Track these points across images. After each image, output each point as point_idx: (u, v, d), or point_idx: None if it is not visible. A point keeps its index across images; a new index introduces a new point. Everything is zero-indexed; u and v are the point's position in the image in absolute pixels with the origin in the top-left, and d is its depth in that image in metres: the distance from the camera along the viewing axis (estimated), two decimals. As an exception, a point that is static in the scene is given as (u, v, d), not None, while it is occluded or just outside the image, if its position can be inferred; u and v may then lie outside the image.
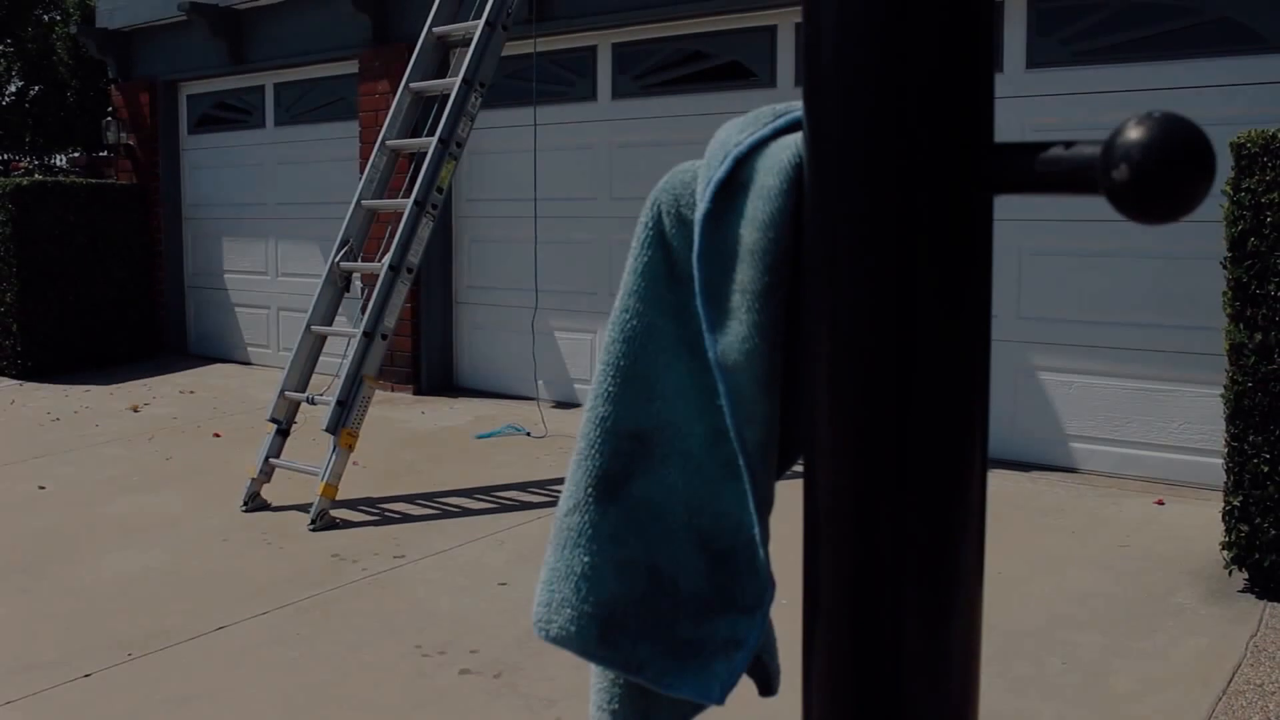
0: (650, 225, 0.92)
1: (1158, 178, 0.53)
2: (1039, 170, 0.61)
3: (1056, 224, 6.30)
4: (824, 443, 0.70)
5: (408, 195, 6.34)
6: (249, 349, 10.84)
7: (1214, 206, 5.32)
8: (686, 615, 0.92)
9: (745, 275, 0.81)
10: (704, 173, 0.85)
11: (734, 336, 0.82)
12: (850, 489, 0.69)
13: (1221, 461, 4.83)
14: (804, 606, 0.72)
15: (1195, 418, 5.92)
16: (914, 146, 0.63)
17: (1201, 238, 5.61)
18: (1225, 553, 4.67)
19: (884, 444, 0.67)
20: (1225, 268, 4.85)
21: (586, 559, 0.93)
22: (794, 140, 0.80)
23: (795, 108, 0.82)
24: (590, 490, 0.95)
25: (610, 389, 0.93)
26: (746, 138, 0.83)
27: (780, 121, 0.83)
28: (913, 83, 0.62)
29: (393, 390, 8.87)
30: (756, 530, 0.88)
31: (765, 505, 0.88)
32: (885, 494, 0.68)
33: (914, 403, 0.66)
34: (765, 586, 0.91)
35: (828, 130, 0.66)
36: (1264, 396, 4.70)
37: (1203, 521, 5.34)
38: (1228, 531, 4.67)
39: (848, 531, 0.70)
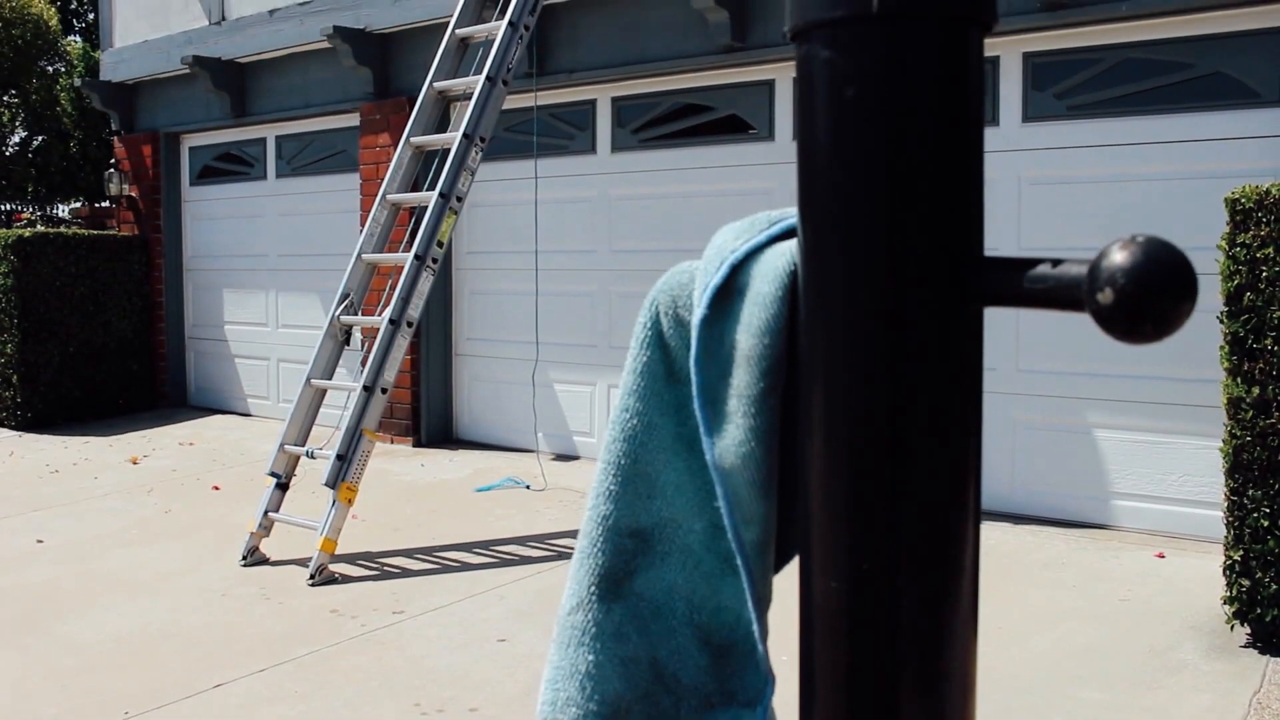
0: (649, 325, 0.94)
1: (1142, 304, 0.55)
2: (1027, 287, 0.62)
3: (1054, 277, 6.32)
4: (818, 543, 0.71)
5: (408, 249, 6.37)
6: (249, 400, 10.85)
7: (1210, 259, 5.36)
8: (689, 710, 0.93)
9: (742, 380, 0.82)
10: (701, 278, 0.87)
11: (731, 440, 0.83)
12: (843, 591, 0.70)
13: (1222, 514, 4.83)
14: (800, 697, 0.73)
15: (1195, 470, 5.92)
16: (905, 260, 0.64)
17: (1202, 290, 5.62)
18: (1227, 607, 4.66)
19: (875, 548, 0.68)
20: (1222, 322, 4.87)
21: (591, 657, 0.94)
22: (788, 248, 0.81)
23: (790, 214, 0.84)
24: (593, 588, 0.96)
25: (611, 488, 0.95)
26: (742, 244, 0.85)
27: (775, 229, 0.85)
28: (904, 200, 0.64)
29: (392, 442, 8.87)
30: (755, 626, 0.89)
31: (764, 602, 0.89)
32: (877, 596, 0.69)
33: (904, 509, 0.67)
34: (765, 680, 0.91)
35: (821, 242, 0.67)
36: (1262, 451, 4.70)
37: (1204, 575, 5.33)
38: (1229, 586, 4.66)
39: (841, 631, 0.71)
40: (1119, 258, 0.55)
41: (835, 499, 0.69)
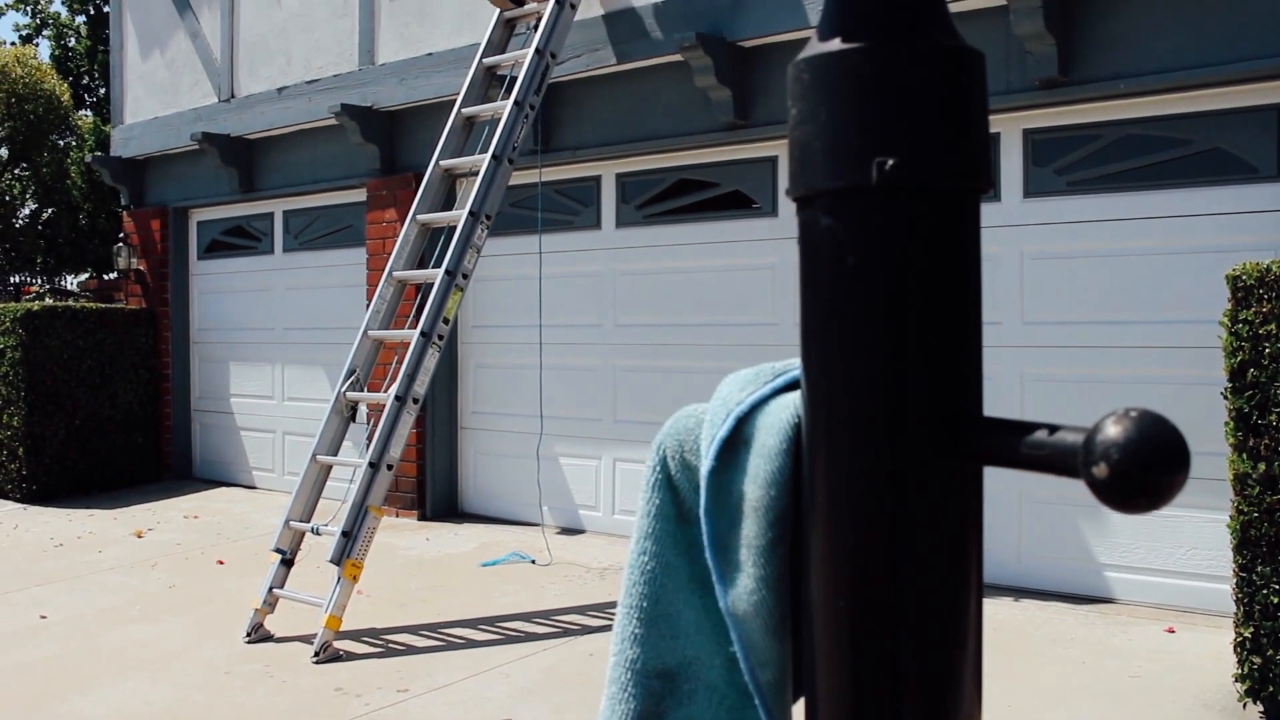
0: (658, 469, 0.96)
1: (1135, 478, 0.56)
2: (1024, 451, 0.64)
3: (1058, 350, 6.36)
4: (823, 685, 0.73)
5: (414, 326, 6.41)
6: (254, 473, 10.85)
7: (1212, 333, 5.38)
8: None
9: (750, 530, 0.84)
10: (707, 428, 0.89)
11: (742, 589, 0.85)
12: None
13: (1231, 589, 4.81)
14: None
15: (1203, 543, 5.90)
16: (905, 420, 0.66)
17: (1202, 364, 5.66)
18: (1238, 685, 4.62)
19: (878, 690, 0.70)
20: (1226, 398, 4.88)
21: None
22: (792, 401, 0.83)
23: (794, 366, 0.86)
24: None
25: (636, 631, 0.97)
26: (747, 396, 0.87)
27: (779, 381, 0.87)
28: (904, 362, 0.66)
29: (397, 515, 8.86)
30: None
31: None
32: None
33: (905, 657, 0.69)
34: None
35: (823, 400, 0.69)
36: (1270, 527, 4.69)
37: (1215, 651, 5.29)
38: (1240, 663, 4.63)
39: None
40: (1113, 432, 0.57)
41: (838, 648, 0.71)
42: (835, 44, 0.66)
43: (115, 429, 10.96)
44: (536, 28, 7.08)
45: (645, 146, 7.76)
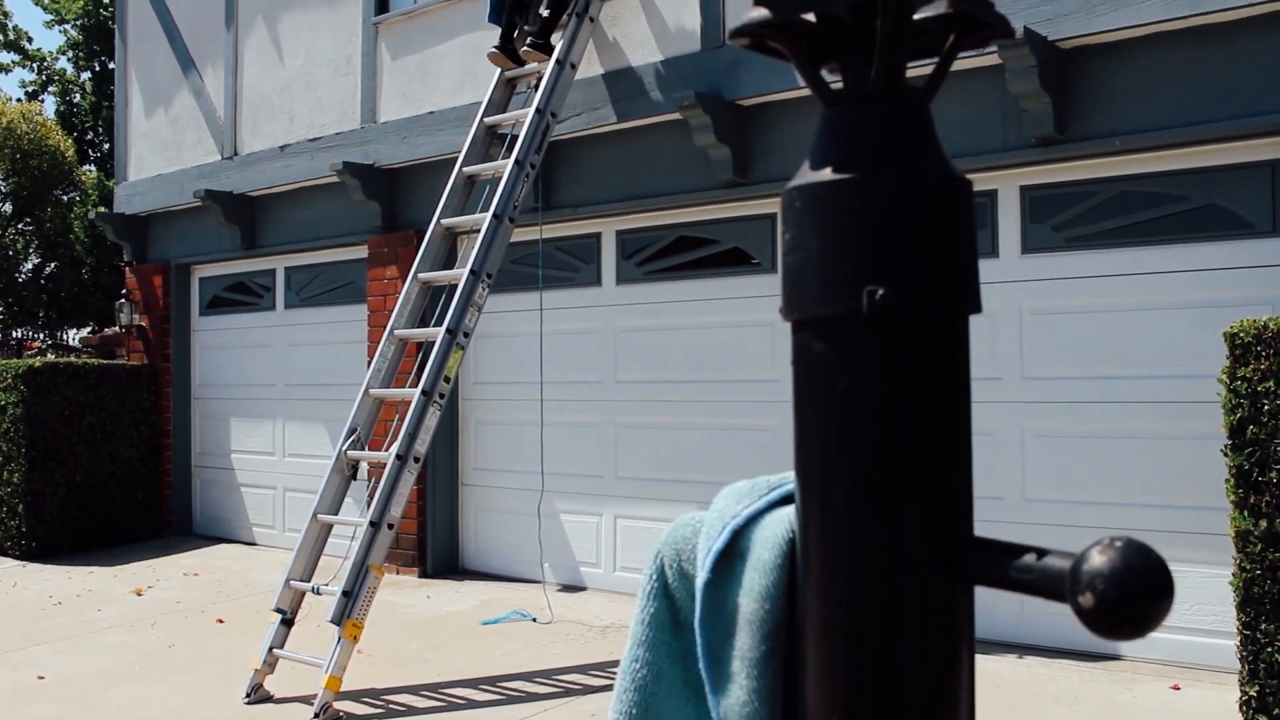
0: (655, 577, 0.97)
1: (1121, 609, 0.58)
2: (1013, 575, 0.65)
3: (1058, 405, 6.37)
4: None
5: (415, 384, 6.43)
6: (254, 529, 10.82)
7: (1210, 387, 5.39)
8: None
9: (744, 642, 0.85)
10: (704, 540, 0.90)
11: (734, 700, 0.86)
12: None
13: (1236, 646, 4.79)
14: None
15: (1207, 599, 5.88)
16: (897, 541, 0.68)
17: (1204, 418, 5.66)
18: (1244, 746, 4.59)
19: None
20: (1226, 455, 4.89)
21: None
22: (787, 515, 0.84)
23: (788, 479, 0.87)
24: None
25: None
26: (743, 510, 0.88)
27: (774, 495, 0.88)
28: (896, 484, 0.67)
29: (398, 572, 8.83)
30: None
31: None
32: None
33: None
34: None
35: (817, 518, 0.71)
36: (1273, 585, 4.68)
37: (1221, 709, 5.26)
38: (1245, 723, 4.60)
39: None
40: (1098, 562, 0.59)
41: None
42: (826, 174, 0.68)
43: (116, 485, 10.95)
44: (537, 87, 7.16)
45: (645, 204, 7.82)
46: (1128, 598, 0.58)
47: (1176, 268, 6.08)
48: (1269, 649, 4.67)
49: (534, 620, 7.46)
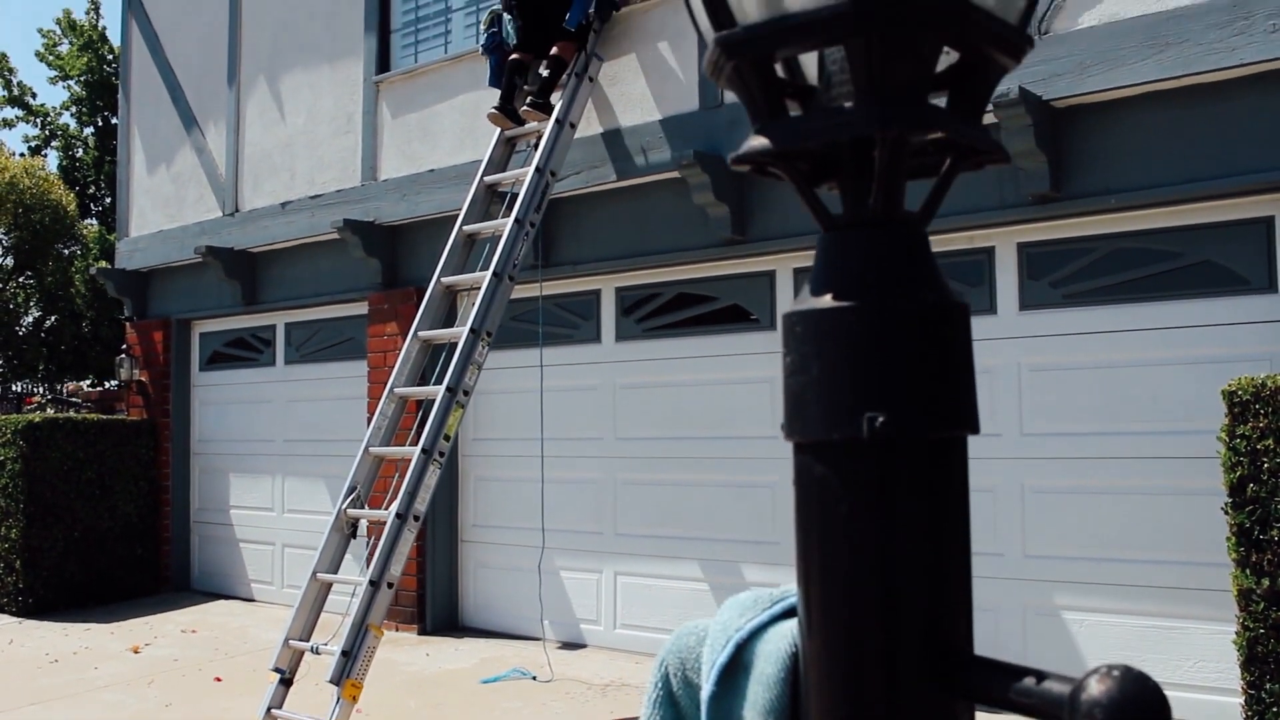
0: (659, 685, 0.98)
1: (1120, 741, 0.58)
2: (1013, 696, 0.66)
3: (1058, 461, 6.37)
4: None
5: (415, 442, 6.43)
6: (253, 585, 10.78)
7: (1209, 443, 5.40)
8: None
9: None
10: (708, 652, 0.91)
11: None
12: None
13: (1240, 706, 4.76)
14: None
15: (1209, 655, 5.85)
16: (899, 662, 0.69)
17: (1204, 474, 5.66)
18: (1250, 808, 4.56)
19: None
20: (1227, 513, 4.89)
21: None
22: (790, 629, 0.85)
23: (790, 593, 0.88)
24: None
25: None
26: (746, 623, 0.89)
27: (777, 608, 0.89)
28: (897, 605, 0.68)
29: (397, 629, 8.78)
30: None
31: None
32: None
33: None
34: None
35: (820, 636, 0.71)
36: (1277, 644, 4.67)
37: (1225, 770, 5.22)
38: (1251, 786, 4.57)
39: None
40: (1096, 691, 0.59)
41: None
42: (827, 300, 0.69)
43: (114, 541, 10.91)
44: (537, 146, 7.22)
45: (644, 261, 7.86)
46: (1126, 729, 0.58)
47: (1174, 324, 6.10)
48: (1275, 709, 4.65)
49: (534, 678, 7.41)
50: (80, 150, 26.67)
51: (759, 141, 0.69)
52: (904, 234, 0.70)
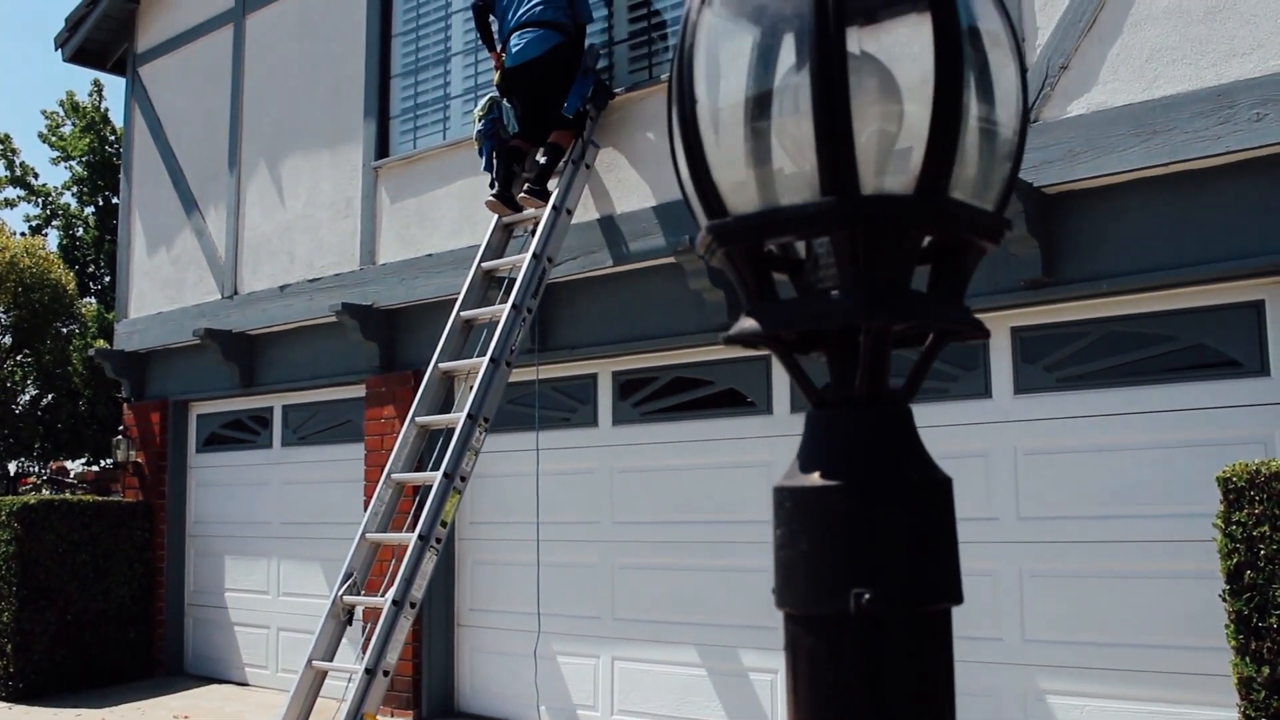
0: None
1: None
2: None
3: (1056, 545, 6.36)
4: None
5: (412, 528, 6.43)
6: (247, 669, 10.68)
7: (1205, 527, 5.40)
8: None
9: None
10: None
11: None
12: None
13: (1243, 798, 4.72)
14: None
15: (1211, 742, 5.80)
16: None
17: (1202, 558, 5.64)
18: None
19: None
20: (1225, 600, 4.88)
21: None
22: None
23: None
24: None
25: None
26: None
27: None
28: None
29: (392, 715, 8.70)
30: None
31: None
32: None
33: None
34: None
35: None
36: (1278, 734, 4.63)
37: None
38: None
39: None
40: None
41: None
42: (815, 479, 0.72)
43: (107, 624, 10.82)
44: (534, 232, 7.30)
45: (641, 346, 7.90)
46: None
47: (1168, 407, 6.13)
48: (1277, 800, 4.61)
49: (530, 767, 7.33)
50: (81, 229, 26.82)
51: (750, 324, 0.72)
52: (888, 412, 0.73)
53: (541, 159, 7.56)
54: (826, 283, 0.73)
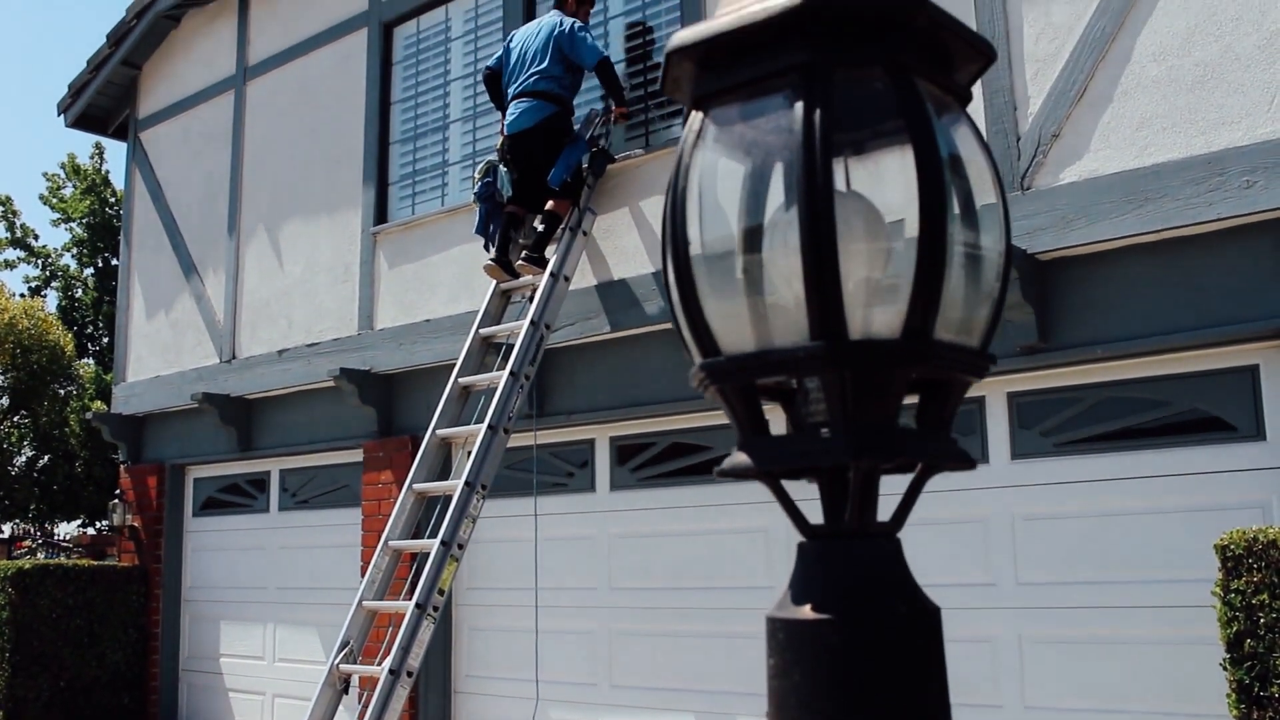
0: None
1: None
2: None
3: (1055, 611, 6.34)
4: None
5: (409, 596, 6.40)
6: (242, 736, 10.59)
7: (1203, 592, 5.38)
8: None
9: None
10: None
11: None
12: None
13: None
14: None
15: (1216, 814, 5.75)
16: None
17: (1202, 624, 5.62)
18: None
19: None
20: (1225, 668, 4.86)
21: None
22: None
23: None
24: None
25: None
26: None
27: None
28: None
29: (388, 784, 8.60)
30: None
31: None
32: None
33: None
34: None
35: None
36: (1281, 805, 4.60)
37: None
38: None
39: None
40: None
41: None
42: (806, 611, 0.73)
43: (101, 690, 10.74)
44: (532, 299, 7.34)
45: (638, 411, 7.90)
46: None
47: (1165, 472, 6.13)
48: None
49: (527, 838, 7.25)
50: (80, 290, 26.94)
51: (742, 458, 0.74)
52: (878, 544, 0.74)
53: (539, 226, 7.62)
54: (817, 416, 0.75)
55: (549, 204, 7.58)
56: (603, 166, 7.87)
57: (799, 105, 0.77)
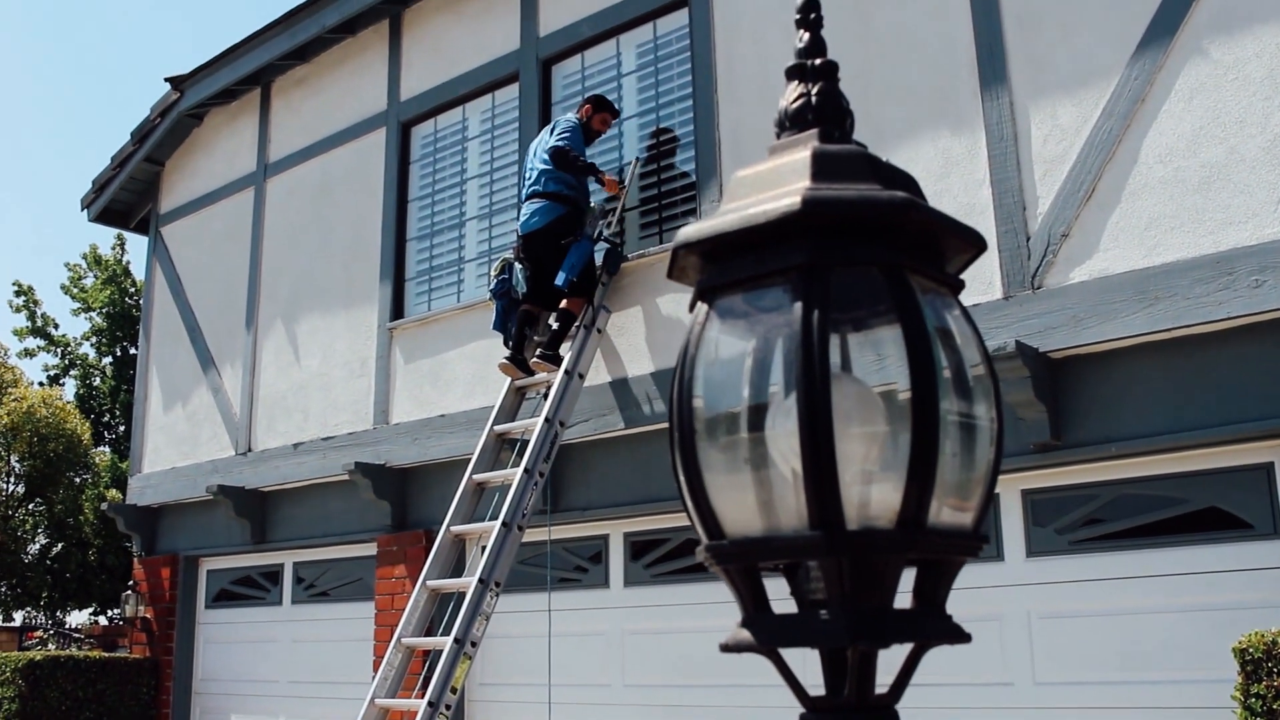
0: None
1: None
2: None
3: (1073, 711, 6.26)
4: None
5: (422, 694, 6.37)
6: (250, 835, 10.45)
7: (1220, 693, 5.31)
8: None
9: None
10: None
11: None
12: None
13: None
14: None
15: None
16: None
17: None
18: None
19: None
20: (1247, 775, 4.79)
21: None
22: None
23: None
24: None
25: None
26: None
27: None
28: None
29: None
30: None
31: None
32: None
33: None
34: None
35: None
36: None
37: None
38: None
39: None
40: None
41: None
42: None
43: (110, 786, 10.64)
44: (546, 396, 7.38)
45: (653, 507, 7.89)
46: None
47: (1181, 570, 6.09)
48: None
49: None
50: (98, 379, 27.09)
51: (745, 635, 0.77)
52: (877, 718, 0.77)
53: (554, 324, 7.69)
54: (817, 594, 0.79)
55: (563, 302, 7.66)
56: (617, 265, 7.97)
57: (798, 305, 0.81)
